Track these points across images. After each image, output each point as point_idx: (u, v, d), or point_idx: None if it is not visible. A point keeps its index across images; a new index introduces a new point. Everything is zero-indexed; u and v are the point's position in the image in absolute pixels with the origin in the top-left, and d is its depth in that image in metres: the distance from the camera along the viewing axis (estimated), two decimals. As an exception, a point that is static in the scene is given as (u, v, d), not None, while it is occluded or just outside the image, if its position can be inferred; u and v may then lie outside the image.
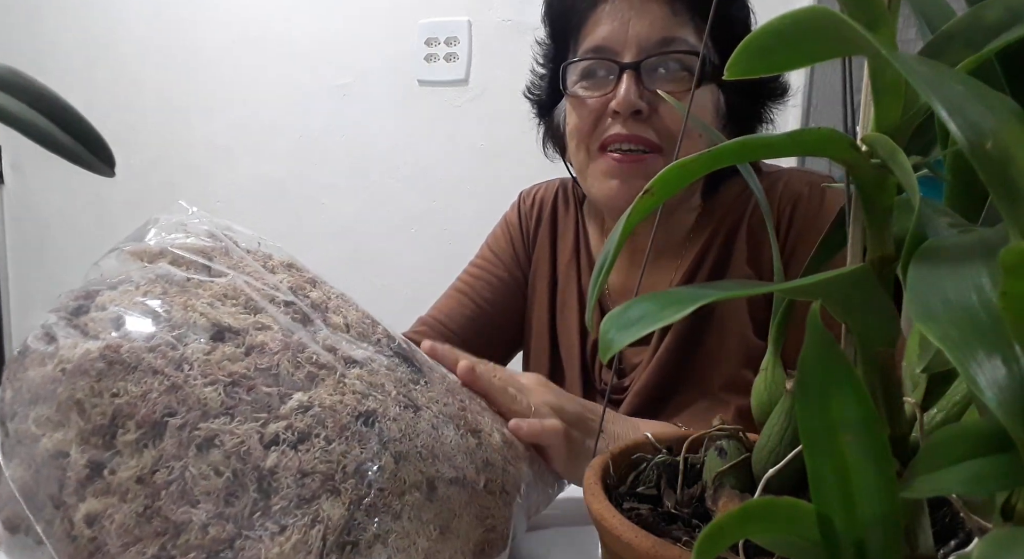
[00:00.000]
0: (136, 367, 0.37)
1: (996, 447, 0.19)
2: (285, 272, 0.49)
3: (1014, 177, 0.16)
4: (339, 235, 1.95)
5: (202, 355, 0.39)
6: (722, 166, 0.24)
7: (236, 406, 0.38)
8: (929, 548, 0.25)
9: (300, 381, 0.41)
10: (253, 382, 0.39)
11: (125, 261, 0.45)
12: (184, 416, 0.37)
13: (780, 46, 0.21)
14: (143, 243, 0.46)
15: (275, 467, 0.37)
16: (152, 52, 2.06)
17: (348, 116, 1.90)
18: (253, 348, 0.41)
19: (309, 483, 0.37)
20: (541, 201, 0.95)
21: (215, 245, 0.47)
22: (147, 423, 0.37)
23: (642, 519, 0.34)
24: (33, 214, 2.29)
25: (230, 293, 0.43)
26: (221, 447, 0.37)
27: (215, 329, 0.41)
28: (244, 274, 0.45)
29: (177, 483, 0.36)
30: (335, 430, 0.39)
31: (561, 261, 0.90)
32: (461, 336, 0.89)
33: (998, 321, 0.16)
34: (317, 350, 0.43)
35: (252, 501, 0.36)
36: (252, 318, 0.43)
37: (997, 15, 0.22)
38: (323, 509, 0.37)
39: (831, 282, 0.22)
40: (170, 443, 0.36)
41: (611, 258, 0.26)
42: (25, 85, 0.33)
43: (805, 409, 0.22)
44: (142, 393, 0.37)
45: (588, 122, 0.76)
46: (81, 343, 0.38)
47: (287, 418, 0.39)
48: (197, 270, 0.45)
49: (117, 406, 0.37)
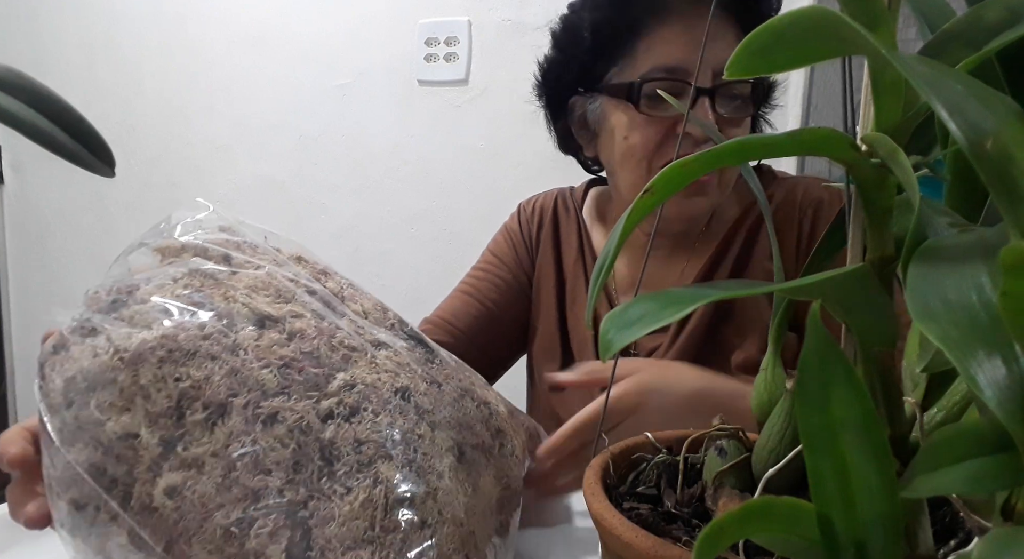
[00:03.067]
0: (195, 353, 0.41)
1: (996, 447, 0.19)
2: (296, 265, 0.52)
3: (1014, 177, 0.16)
4: (339, 235, 1.95)
5: (252, 341, 0.43)
6: (722, 166, 0.24)
7: (290, 386, 0.42)
8: (929, 548, 0.25)
9: (338, 363, 0.44)
10: (302, 364, 0.43)
11: (151, 257, 0.48)
12: (246, 396, 0.41)
13: (780, 46, 0.21)
14: (170, 239, 0.49)
15: (334, 438, 0.41)
16: (152, 52, 2.06)
17: (348, 116, 1.90)
18: (294, 334, 0.44)
19: (366, 450, 0.41)
20: (541, 208, 0.95)
21: (232, 239, 0.50)
22: (213, 404, 0.40)
23: (642, 519, 0.34)
24: (33, 214, 2.29)
25: (260, 284, 0.47)
26: (284, 422, 0.41)
27: (257, 317, 0.44)
28: (269, 265, 0.48)
29: (250, 455, 0.39)
30: (379, 404, 0.44)
31: (567, 262, 0.91)
32: (467, 334, 0.89)
33: (998, 321, 0.16)
34: (347, 334, 0.46)
35: (318, 468, 0.40)
36: (287, 306, 0.46)
37: (997, 15, 0.22)
38: (381, 472, 0.41)
39: (831, 282, 0.22)
40: (237, 420, 0.40)
41: (611, 257, 0.26)
42: (25, 85, 0.33)
43: (805, 409, 0.22)
44: (205, 377, 0.40)
45: (655, 141, 0.76)
46: (135, 333, 0.41)
47: (337, 395, 0.43)
48: (223, 263, 0.48)
49: (182, 389, 0.40)
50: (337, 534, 0.39)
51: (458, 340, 0.88)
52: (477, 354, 0.87)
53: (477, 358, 0.86)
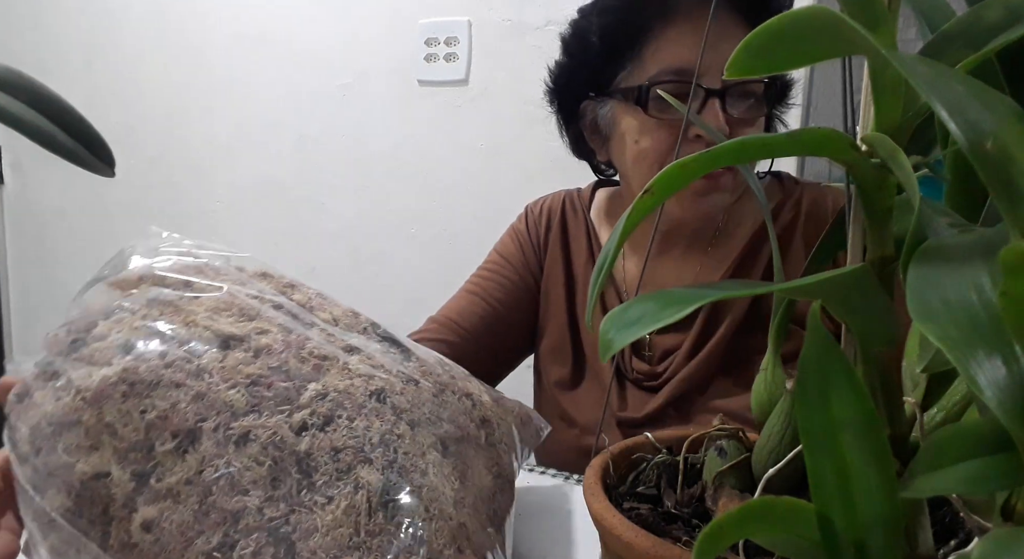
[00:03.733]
0: (158, 384, 0.40)
1: (996, 447, 0.19)
2: (261, 281, 0.51)
3: (1014, 177, 0.16)
4: (339, 235, 1.95)
5: (217, 363, 0.42)
6: (722, 166, 0.24)
7: (260, 403, 0.42)
8: (929, 548, 0.25)
9: (309, 373, 0.44)
10: (270, 380, 0.43)
11: (108, 292, 0.47)
12: (216, 419, 0.40)
13: (780, 46, 0.21)
14: (124, 271, 0.48)
15: (310, 449, 0.41)
16: (152, 52, 2.06)
17: (348, 116, 1.90)
18: (260, 350, 0.44)
19: (343, 457, 0.41)
20: (549, 210, 0.95)
21: (192, 263, 0.50)
22: (182, 431, 0.40)
23: (642, 519, 0.34)
24: (33, 214, 2.29)
25: (222, 305, 0.46)
26: (257, 440, 0.40)
27: (220, 339, 0.44)
28: (230, 285, 0.48)
29: (225, 478, 0.39)
30: (354, 409, 0.43)
31: (576, 264, 0.91)
32: (473, 334, 0.89)
33: (998, 321, 0.16)
34: (316, 344, 0.46)
35: (296, 481, 0.40)
36: (251, 324, 0.45)
37: (997, 15, 0.22)
38: (361, 476, 0.41)
39: (831, 282, 0.22)
40: (208, 445, 0.40)
41: (611, 258, 0.26)
42: (26, 85, 0.33)
43: (805, 409, 0.22)
44: (171, 405, 0.40)
45: (667, 144, 0.76)
46: (95, 371, 0.40)
47: (309, 406, 0.42)
48: (183, 289, 0.47)
49: (149, 421, 0.39)
50: (322, 544, 0.38)
51: (464, 340, 0.88)
52: (483, 354, 0.87)
53: (483, 358, 0.85)
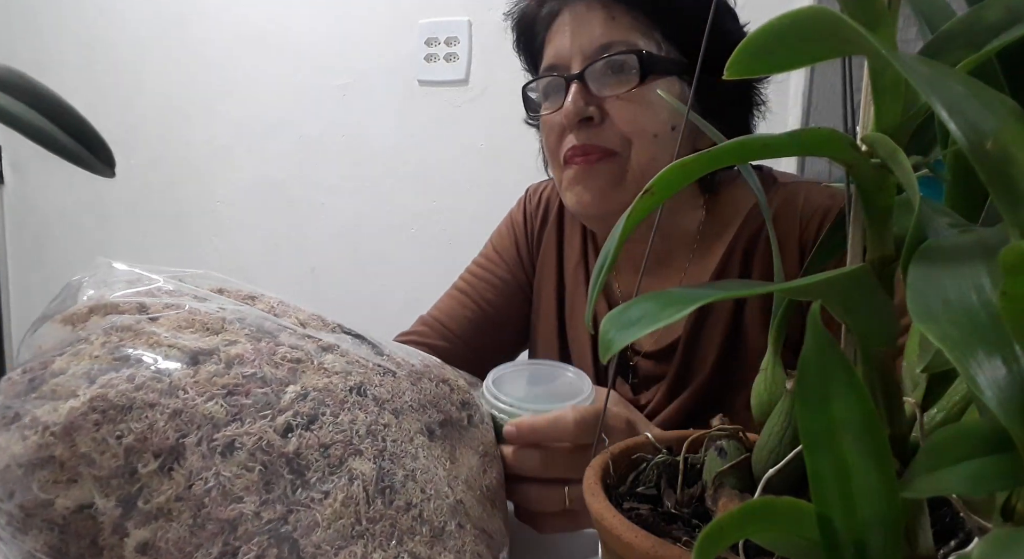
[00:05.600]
0: (131, 407, 0.39)
1: (996, 447, 0.19)
2: (220, 296, 0.50)
3: (1014, 177, 0.16)
4: (339, 235, 1.95)
5: (189, 379, 0.41)
6: (721, 166, 0.24)
7: (240, 411, 0.41)
8: (929, 548, 0.25)
9: (285, 377, 0.44)
10: (247, 388, 0.42)
11: (59, 329, 0.45)
12: (198, 433, 0.40)
13: (780, 46, 0.21)
14: (74, 306, 0.46)
15: (298, 449, 0.41)
16: (152, 52, 2.06)
17: (348, 116, 1.90)
18: (232, 361, 0.43)
19: (333, 452, 0.42)
20: (547, 201, 0.94)
21: (144, 289, 0.49)
22: (164, 450, 0.39)
23: (642, 519, 0.34)
24: (33, 214, 2.29)
25: (184, 322, 0.45)
26: (243, 448, 0.40)
27: (189, 355, 0.43)
28: (190, 302, 0.47)
29: (216, 489, 0.39)
30: (336, 405, 0.44)
31: (568, 265, 0.89)
32: (462, 337, 0.89)
33: (998, 321, 0.16)
34: (288, 348, 0.46)
35: (289, 482, 0.40)
36: (218, 337, 0.45)
37: (997, 15, 0.22)
38: (354, 468, 0.42)
39: (831, 282, 0.22)
40: (194, 459, 0.39)
41: (611, 258, 0.26)
42: (25, 86, 0.33)
43: (805, 409, 0.22)
44: (148, 426, 0.39)
45: (552, 139, 0.77)
46: (61, 405, 0.38)
47: (291, 407, 0.42)
48: (140, 313, 0.46)
49: (127, 445, 0.38)
50: (325, 537, 0.39)
51: (453, 344, 0.88)
52: (472, 357, 0.87)
53: (472, 361, 0.84)
